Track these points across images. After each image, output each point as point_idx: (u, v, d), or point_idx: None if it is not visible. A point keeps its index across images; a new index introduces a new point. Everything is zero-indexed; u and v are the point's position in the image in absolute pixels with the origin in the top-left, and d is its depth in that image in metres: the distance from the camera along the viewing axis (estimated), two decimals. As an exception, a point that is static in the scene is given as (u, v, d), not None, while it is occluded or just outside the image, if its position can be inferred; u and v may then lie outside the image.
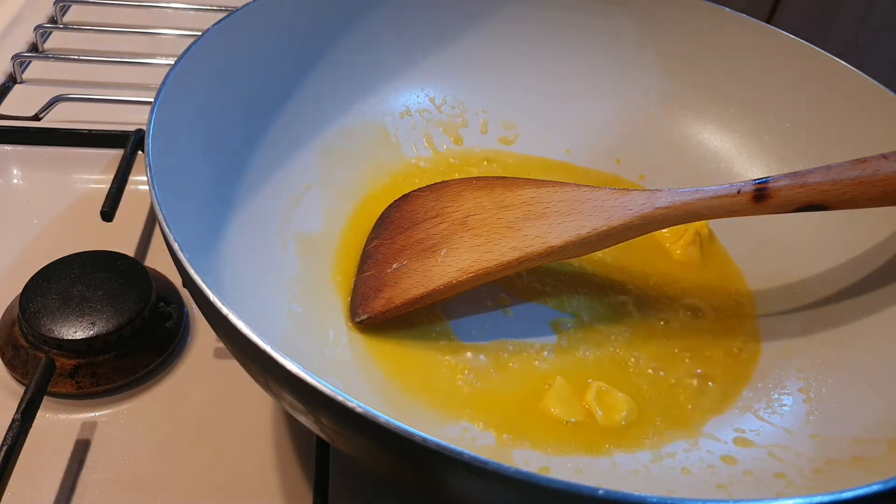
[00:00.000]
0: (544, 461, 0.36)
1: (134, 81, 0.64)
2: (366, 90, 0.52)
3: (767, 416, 0.39)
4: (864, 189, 0.35)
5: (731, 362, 0.42)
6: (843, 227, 0.44)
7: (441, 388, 0.39)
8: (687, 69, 0.53)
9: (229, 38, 0.44)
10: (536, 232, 0.41)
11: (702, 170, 0.52)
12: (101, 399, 0.42)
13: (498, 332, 0.42)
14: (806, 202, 0.36)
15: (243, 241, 0.41)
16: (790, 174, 0.37)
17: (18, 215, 0.53)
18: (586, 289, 0.45)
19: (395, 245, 0.44)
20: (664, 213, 0.39)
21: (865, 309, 0.41)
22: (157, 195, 0.33)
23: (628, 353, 0.42)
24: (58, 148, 0.57)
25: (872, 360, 0.39)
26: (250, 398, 0.42)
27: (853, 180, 0.35)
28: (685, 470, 0.36)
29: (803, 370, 0.40)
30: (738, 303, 0.45)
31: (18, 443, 0.37)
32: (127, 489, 0.38)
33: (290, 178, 0.47)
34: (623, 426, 0.38)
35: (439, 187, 0.46)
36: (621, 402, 0.38)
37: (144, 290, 0.44)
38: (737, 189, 0.38)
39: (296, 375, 0.26)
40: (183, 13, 0.73)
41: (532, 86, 0.55)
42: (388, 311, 0.41)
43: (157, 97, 0.37)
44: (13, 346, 0.43)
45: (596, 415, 0.38)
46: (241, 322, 0.28)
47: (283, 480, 0.39)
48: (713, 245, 0.48)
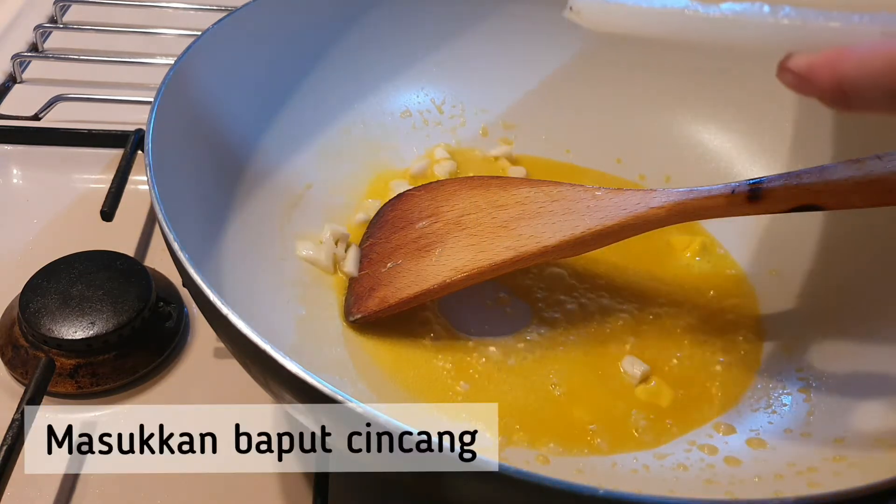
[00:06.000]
0: (544, 461, 0.36)
1: (134, 81, 0.64)
2: (366, 90, 0.52)
3: (767, 415, 0.39)
4: (858, 189, 0.35)
5: (732, 362, 0.42)
6: (843, 226, 0.44)
7: (440, 388, 0.39)
8: (687, 69, 0.53)
9: (229, 37, 0.44)
10: (531, 231, 0.41)
11: (702, 170, 0.52)
12: (101, 399, 0.42)
13: (497, 330, 0.42)
14: (800, 202, 0.36)
15: (243, 241, 0.41)
16: (784, 174, 0.37)
17: (18, 215, 0.53)
18: (587, 288, 0.45)
19: (389, 244, 0.44)
20: (658, 212, 0.39)
21: (866, 308, 0.41)
22: (157, 195, 0.33)
23: (629, 352, 0.42)
24: (58, 148, 0.57)
25: (872, 359, 0.39)
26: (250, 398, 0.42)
27: (847, 181, 0.35)
28: (685, 469, 0.36)
29: (803, 370, 0.40)
30: (740, 302, 0.45)
31: (18, 443, 0.37)
32: (127, 489, 0.38)
33: (290, 178, 0.47)
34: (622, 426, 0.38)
35: (434, 186, 0.46)
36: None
37: (144, 290, 0.44)
38: (731, 189, 0.38)
39: (296, 375, 0.26)
40: (183, 13, 0.73)
41: (532, 86, 0.55)
42: (382, 311, 0.41)
43: (157, 97, 0.37)
44: (13, 346, 0.43)
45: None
46: (240, 322, 0.28)
47: (284, 480, 0.39)
48: (715, 246, 0.48)
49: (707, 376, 0.41)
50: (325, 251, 0.44)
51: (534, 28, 0.55)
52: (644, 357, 0.41)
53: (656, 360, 0.41)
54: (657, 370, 0.41)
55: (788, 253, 0.46)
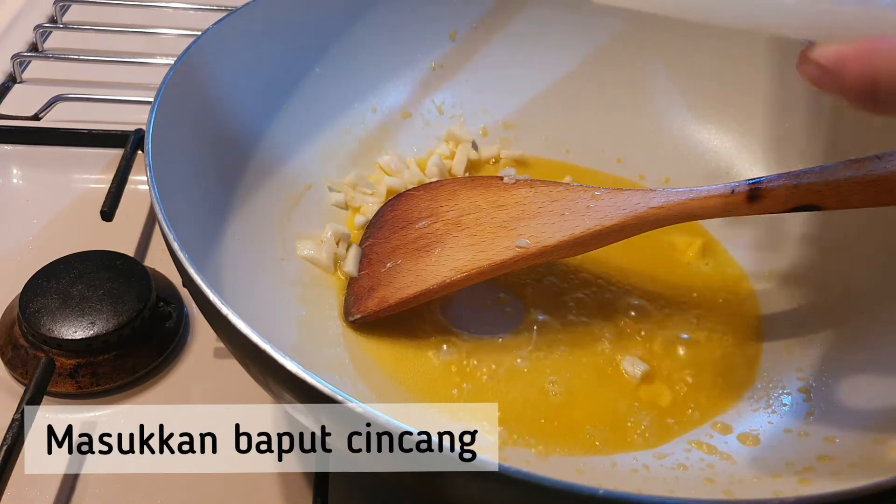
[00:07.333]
0: (544, 460, 0.36)
1: (134, 81, 0.64)
2: (366, 90, 0.52)
3: (767, 415, 0.39)
4: (858, 189, 0.35)
5: (732, 362, 0.42)
6: (843, 226, 0.44)
7: (440, 388, 0.39)
8: (687, 69, 0.53)
9: (229, 38, 0.44)
10: (530, 231, 0.41)
11: (702, 170, 0.52)
12: (101, 399, 0.42)
13: (497, 330, 0.42)
14: (800, 202, 0.36)
15: (243, 241, 0.41)
16: (784, 174, 0.37)
17: (18, 215, 0.53)
18: (588, 288, 0.45)
19: (389, 244, 0.44)
20: (658, 212, 0.39)
21: (865, 308, 0.41)
22: (157, 195, 0.33)
23: (629, 353, 0.42)
24: (58, 148, 0.57)
25: (872, 359, 0.39)
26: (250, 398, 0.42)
27: (846, 181, 0.35)
28: (685, 469, 0.36)
29: (803, 370, 0.40)
30: (740, 303, 0.45)
31: (18, 443, 0.37)
32: (127, 489, 0.38)
33: (290, 178, 0.47)
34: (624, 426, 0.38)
35: (434, 186, 0.46)
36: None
37: (144, 290, 0.44)
38: (731, 189, 0.38)
39: (296, 375, 0.26)
40: (183, 13, 0.73)
41: (532, 86, 0.55)
42: (381, 311, 0.41)
43: (157, 97, 0.37)
44: (13, 346, 0.43)
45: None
46: (240, 322, 0.28)
47: (284, 480, 0.39)
48: (715, 246, 0.48)
49: (707, 376, 0.41)
50: (326, 251, 0.44)
51: (534, 28, 0.55)
52: (644, 357, 0.41)
53: (656, 360, 0.41)
54: (657, 370, 0.41)
55: (788, 253, 0.46)
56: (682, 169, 0.52)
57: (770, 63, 0.50)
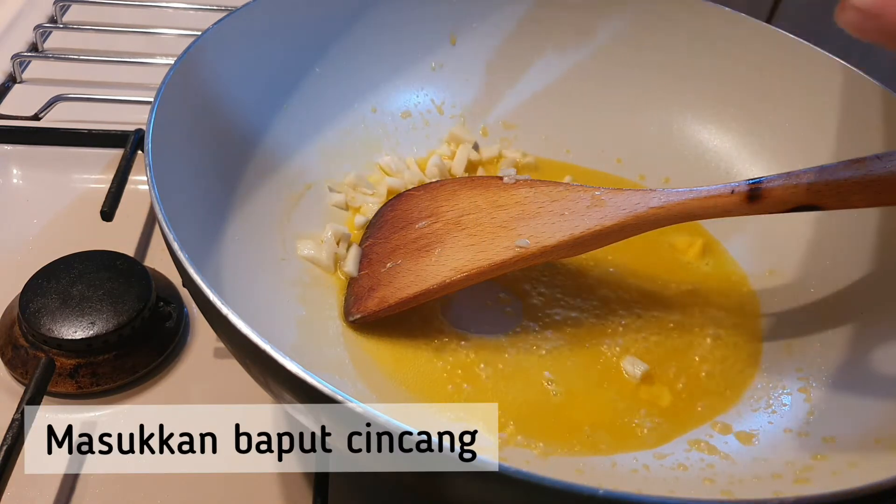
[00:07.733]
0: (544, 460, 0.36)
1: (134, 81, 0.64)
2: (366, 90, 0.52)
3: (767, 415, 0.39)
4: (858, 189, 0.35)
5: (732, 362, 0.42)
6: (843, 226, 0.44)
7: (440, 388, 0.39)
8: (687, 69, 0.53)
9: (229, 38, 0.44)
10: (530, 231, 0.41)
11: (702, 170, 0.52)
12: (101, 399, 0.42)
13: (497, 330, 0.42)
14: (800, 202, 0.36)
15: (243, 241, 0.41)
16: (784, 174, 0.37)
17: (18, 215, 0.53)
18: (588, 288, 0.45)
19: (389, 244, 0.44)
20: (658, 212, 0.39)
21: (865, 308, 0.41)
22: (157, 195, 0.33)
23: (629, 353, 0.42)
24: (57, 148, 0.57)
25: (872, 359, 0.39)
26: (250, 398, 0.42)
27: (846, 181, 0.35)
28: (685, 469, 0.36)
29: (803, 370, 0.40)
30: (740, 303, 0.45)
31: (18, 443, 0.37)
32: (127, 489, 0.38)
33: (290, 178, 0.47)
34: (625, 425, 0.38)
35: (434, 186, 0.46)
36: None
37: (144, 290, 0.44)
38: (731, 189, 0.38)
39: (296, 375, 0.26)
40: (183, 13, 0.73)
41: (532, 86, 0.55)
42: (381, 311, 0.41)
43: (157, 97, 0.37)
44: (13, 346, 0.43)
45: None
46: (240, 322, 0.28)
47: (284, 480, 0.39)
48: (715, 246, 0.48)
49: (707, 376, 0.41)
50: (327, 250, 0.44)
51: (534, 28, 0.55)
52: (644, 357, 0.41)
53: (656, 360, 0.41)
54: (657, 370, 0.41)
55: (788, 253, 0.46)
56: (682, 169, 0.52)
57: (770, 63, 0.50)
